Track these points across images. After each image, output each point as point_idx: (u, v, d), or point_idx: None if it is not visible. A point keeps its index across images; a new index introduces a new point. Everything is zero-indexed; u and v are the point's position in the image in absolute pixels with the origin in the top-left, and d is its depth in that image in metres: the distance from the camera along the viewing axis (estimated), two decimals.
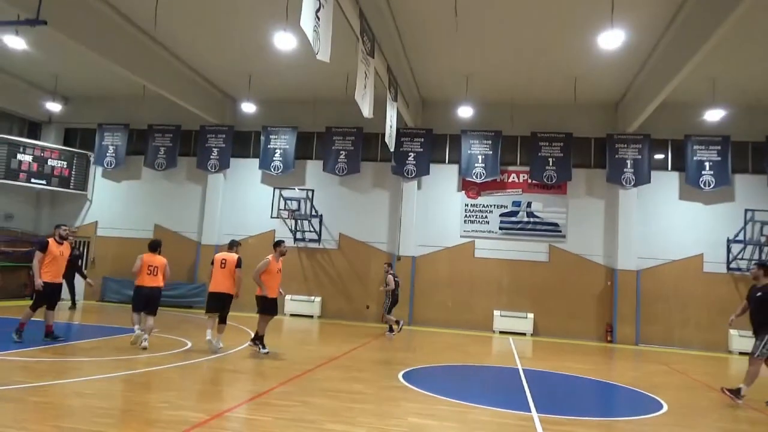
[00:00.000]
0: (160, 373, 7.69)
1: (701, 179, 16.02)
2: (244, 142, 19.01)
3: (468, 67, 14.95)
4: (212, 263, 10.30)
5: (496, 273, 17.02)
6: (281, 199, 17.60)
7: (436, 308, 17.18)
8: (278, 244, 10.26)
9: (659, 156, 16.81)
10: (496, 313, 16.58)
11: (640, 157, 16.38)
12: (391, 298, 13.95)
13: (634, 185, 16.32)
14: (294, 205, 17.64)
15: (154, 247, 10.14)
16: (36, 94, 18.79)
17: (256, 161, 18.52)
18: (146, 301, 9.80)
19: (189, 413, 5.71)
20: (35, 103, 18.90)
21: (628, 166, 16.39)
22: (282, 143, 18.14)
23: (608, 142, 16.61)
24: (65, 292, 13.57)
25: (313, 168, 18.41)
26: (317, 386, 7.44)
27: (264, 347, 9.87)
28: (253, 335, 10.13)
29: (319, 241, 17.95)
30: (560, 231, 16.87)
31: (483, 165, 17.09)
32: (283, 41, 11.70)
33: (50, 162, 18.46)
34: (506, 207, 17.26)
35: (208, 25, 13.43)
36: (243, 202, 18.62)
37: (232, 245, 10.56)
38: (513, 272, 16.95)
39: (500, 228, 17.18)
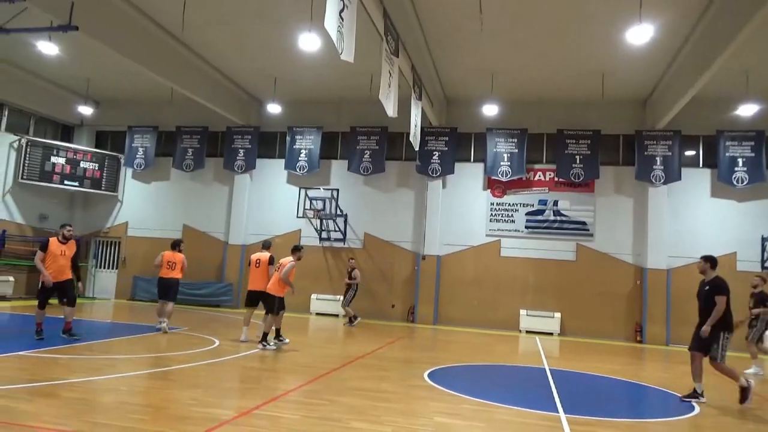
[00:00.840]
0: (189, 371, 7.83)
1: (734, 176, 15.62)
2: (269, 142, 19.20)
3: (493, 65, 14.85)
4: (249, 264, 11.26)
5: (522, 272, 16.88)
6: (306, 198, 17.74)
7: (462, 307, 17.11)
8: (298, 249, 10.66)
9: (690, 152, 16.46)
10: (523, 312, 16.44)
11: (670, 153, 16.06)
12: (355, 290, 15.36)
13: (664, 183, 16.00)
14: (319, 205, 17.75)
15: (175, 245, 12.11)
16: (69, 98, 19.28)
17: (281, 161, 18.69)
18: (166, 290, 11.59)
19: (217, 410, 5.80)
20: (68, 107, 19.39)
21: (658, 163, 16.07)
22: (307, 143, 18.27)
23: (637, 139, 16.32)
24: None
25: (338, 168, 18.50)
26: (343, 385, 7.48)
27: (275, 341, 10.38)
28: (261, 336, 10.26)
29: (344, 240, 18.03)
30: (588, 230, 16.64)
31: (509, 163, 16.96)
32: (308, 42, 11.78)
33: (82, 164, 18.93)
34: (532, 206, 17.09)
35: (234, 28, 13.60)
36: (269, 202, 18.80)
37: (266, 245, 11.36)
38: (539, 271, 16.79)
39: (526, 227, 17.03)
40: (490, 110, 16.12)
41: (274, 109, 17.49)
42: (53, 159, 18.31)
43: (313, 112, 18.60)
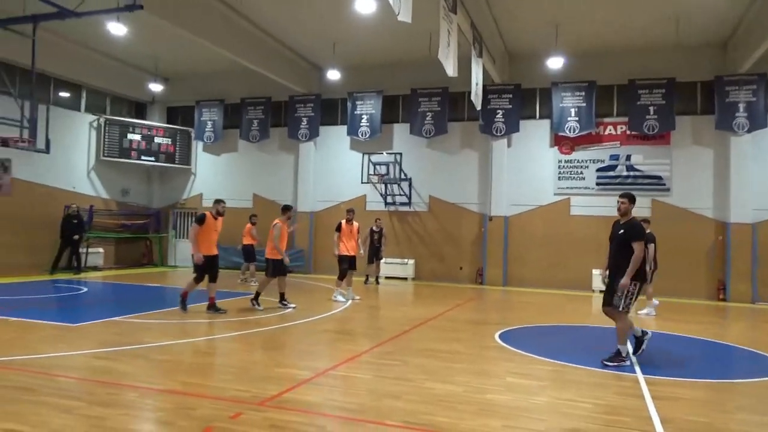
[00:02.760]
0: (268, 334, 8.21)
1: None
2: (331, 109, 19.33)
3: (557, 15, 14.16)
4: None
5: (593, 230, 16.34)
6: (370, 164, 17.83)
7: (531, 268, 16.87)
8: (287, 208, 11.19)
9: None
10: (595, 272, 16.00)
11: (754, 99, 14.90)
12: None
13: (748, 131, 14.92)
14: (383, 170, 17.82)
15: (250, 218, 15.14)
16: (140, 77, 20.08)
17: (343, 128, 18.80)
18: (248, 255, 14.78)
19: (296, 371, 6.08)
20: (140, 85, 20.22)
21: (741, 110, 14.97)
22: (368, 108, 18.25)
23: (717, 85, 15.22)
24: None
25: (400, 131, 18.42)
26: (415, 346, 7.63)
27: (279, 304, 10.81)
28: (279, 297, 10.85)
29: (409, 204, 18.07)
30: (664, 184, 15.85)
31: (576, 118, 16.31)
32: (364, 5, 11.64)
33: (156, 140, 19.80)
34: (603, 161, 16.43)
35: None
36: (334, 169, 19.05)
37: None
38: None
39: (597, 184, 16.42)
40: (555, 63, 15.46)
41: (333, 75, 17.53)
42: (130, 136, 19.24)
43: (372, 77, 18.50)
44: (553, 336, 9.25)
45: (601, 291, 15.71)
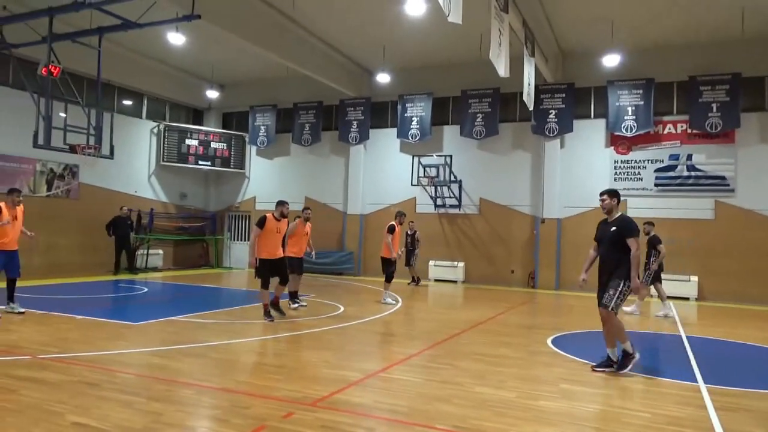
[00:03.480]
0: (318, 335, 8.31)
1: None
2: (381, 112, 19.43)
3: (613, 11, 13.74)
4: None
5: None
6: (420, 166, 17.80)
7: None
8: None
9: None
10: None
11: None
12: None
13: None
14: (433, 172, 17.76)
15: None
16: (197, 84, 20.81)
17: (393, 131, 18.85)
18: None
19: (345, 372, 6.12)
20: (197, 92, 20.95)
21: None
22: (418, 110, 18.24)
23: None
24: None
25: (450, 133, 18.31)
26: (464, 350, 7.55)
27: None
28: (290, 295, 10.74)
29: (459, 206, 17.93)
30: (728, 185, 15.11)
31: (633, 117, 15.77)
32: (414, 7, 11.65)
33: (213, 144, 20.44)
34: (662, 161, 15.82)
35: (342, 1, 13.77)
36: (383, 172, 19.12)
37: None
38: (672, 232, 15.56)
39: (656, 185, 15.82)
40: (611, 61, 15.01)
41: (383, 78, 17.61)
42: (188, 141, 19.94)
43: (422, 79, 18.48)
44: None
45: (651, 296, 15.19)
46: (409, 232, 16.38)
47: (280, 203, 9.54)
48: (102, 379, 5.53)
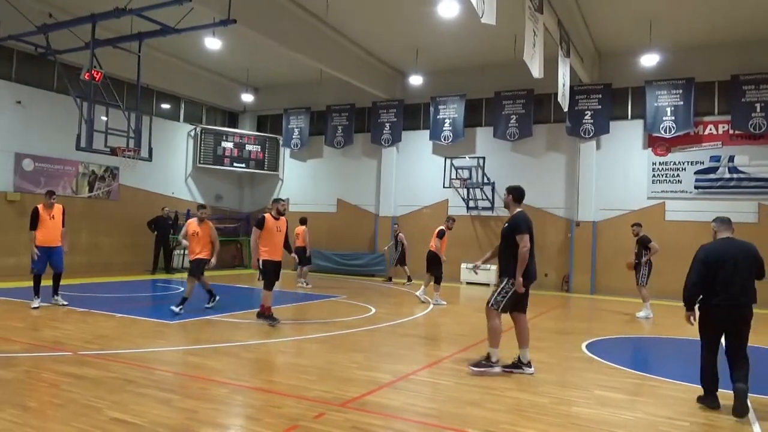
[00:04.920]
0: (349, 336, 8.35)
1: None
2: (413, 114, 19.41)
3: (651, 9, 13.43)
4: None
5: (691, 237, 15.26)
6: (452, 168, 17.71)
7: (622, 276, 15.99)
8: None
9: None
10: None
11: None
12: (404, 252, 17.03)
13: None
14: (465, 174, 17.64)
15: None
16: (232, 88, 21.17)
17: (426, 132, 18.81)
18: (301, 257, 13.99)
19: (377, 374, 6.13)
20: (232, 95, 21.31)
21: None
22: (451, 112, 18.16)
23: None
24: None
25: (483, 135, 18.17)
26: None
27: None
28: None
29: (492, 208, 17.77)
30: None
31: (672, 118, 15.37)
32: (447, 9, 11.61)
33: (247, 147, 20.77)
34: (702, 163, 15.37)
35: (375, 4, 13.82)
36: (416, 174, 19.09)
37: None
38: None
39: (696, 187, 15.38)
40: (649, 60, 14.66)
41: (416, 80, 17.59)
42: (223, 144, 20.31)
43: (455, 80, 18.40)
44: (646, 348, 8.76)
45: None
46: (396, 233, 17.33)
47: (276, 201, 9.30)
48: (140, 376, 5.67)
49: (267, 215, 9.07)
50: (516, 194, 6.78)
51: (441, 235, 12.30)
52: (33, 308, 9.37)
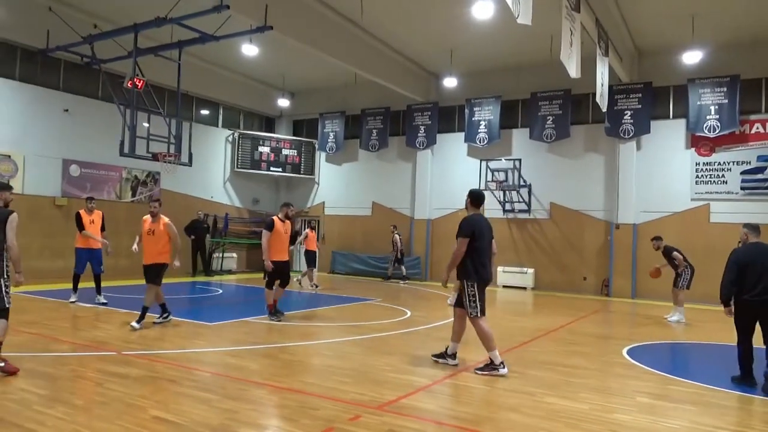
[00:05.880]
0: (384, 339, 8.36)
1: None
2: (448, 117, 19.33)
3: (693, 5, 13.05)
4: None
5: (737, 239, 14.75)
6: (488, 170, 17.56)
7: (664, 279, 15.56)
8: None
9: None
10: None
11: None
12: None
13: None
14: (501, 176, 17.46)
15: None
16: (269, 93, 21.50)
17: (461, 135, 18.70)
18: (310, 260, 15.26)
19: (412, 377, 6.12)
20: (269, 100, 21.65)
21: None
22: (486, 114, 18.02)
23: None
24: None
25: (519, 136, 17.96)
26: (534, 358, 7.37)
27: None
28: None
29: (528, 211, 17.54)
30: None
31: (717, 117, 14.89)
32: (482, 10, 11.53)
33: (284, 151, 21.05)
34: (749, 163, 14.83)
35: (409, 6, 13.84)
36: (451, 176, 18.99)
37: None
38: (762, 237, 14.53)
39: (742, 188, 14.85)
40: (691, 58, 14.24)
41: (450, 82, 17.52)
42: (260, 148, 20.64)
43: (490, 82, 18.25)
44: (690, 354, 8.50)
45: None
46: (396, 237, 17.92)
47: (285, 205, 9.78)
48: (181, 376, 5.81)
49: (275, 218, 9.55)
50: (472, 197, 6.93)
51: None
52: (70, 302, 10.32)
